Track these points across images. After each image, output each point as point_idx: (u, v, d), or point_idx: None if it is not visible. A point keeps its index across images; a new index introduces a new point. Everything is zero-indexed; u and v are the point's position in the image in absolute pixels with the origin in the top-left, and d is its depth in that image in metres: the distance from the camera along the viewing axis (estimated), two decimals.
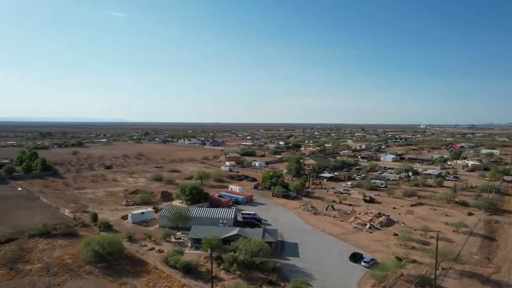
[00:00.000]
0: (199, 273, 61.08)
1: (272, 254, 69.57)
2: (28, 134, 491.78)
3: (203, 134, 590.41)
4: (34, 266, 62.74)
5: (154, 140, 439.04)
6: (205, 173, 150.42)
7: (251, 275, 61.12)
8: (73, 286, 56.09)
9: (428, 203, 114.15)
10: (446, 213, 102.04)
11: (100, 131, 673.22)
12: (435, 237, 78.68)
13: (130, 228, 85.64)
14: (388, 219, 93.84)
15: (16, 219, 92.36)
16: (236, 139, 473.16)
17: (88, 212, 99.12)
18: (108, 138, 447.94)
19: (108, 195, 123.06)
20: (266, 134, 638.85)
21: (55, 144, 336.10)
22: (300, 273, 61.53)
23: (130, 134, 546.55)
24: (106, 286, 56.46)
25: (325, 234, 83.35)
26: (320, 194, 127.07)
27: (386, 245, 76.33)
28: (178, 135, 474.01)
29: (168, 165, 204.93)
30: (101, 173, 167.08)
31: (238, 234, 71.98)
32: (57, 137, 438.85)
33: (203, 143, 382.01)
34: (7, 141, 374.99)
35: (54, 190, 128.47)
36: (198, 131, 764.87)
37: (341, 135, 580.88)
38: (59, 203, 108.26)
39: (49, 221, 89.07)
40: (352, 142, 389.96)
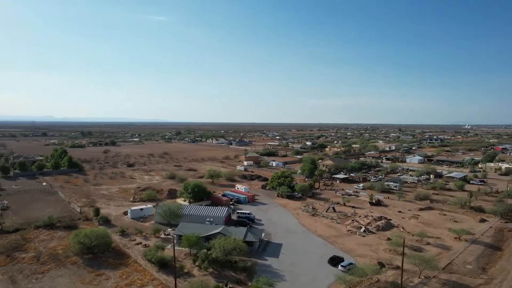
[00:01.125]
0: (173, 268, 62.67)
1: (252, 254, 69.74)
2: (71, 134, 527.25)
3: (234, 134, 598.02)
4: (28, 255, 67.93)
5: (183, 139, 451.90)
6: (216, 172, 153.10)
7: (224, 273, 61.74)
8: (54, 275, 60.08)
9: (439, 207, 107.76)
10: (454, 219, 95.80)
11: (137, 130, 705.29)
12: (433, 243, 75.18)
13: (128, 223, 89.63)
14: (387, 223, 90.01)
15: (31, 211, 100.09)
16: (265, 139, 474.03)
17: (96, 207, 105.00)
18: (141, 138, 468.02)
19: (120, 191, 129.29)
20: (297, 134, 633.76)
21: (91, 143, 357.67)
22: (272, 274, 61.20)
23: (164, 133, 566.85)
24: (84, 276, 59.86)
25: (314, 236, 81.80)
26: (327, 196, 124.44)
27: (374, 250, 73.42)
28: (207, 135, 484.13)
29: (187, 164, 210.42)
30: (121, 171, 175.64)
31: (221, 232, 72.87)
32: (95, 137, 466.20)
33: (229, 143, 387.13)
34: (52, 139, 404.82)
35: (73, 186, 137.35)
36: (231, 131, 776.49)
37: (375, 135, 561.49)
38: (72, 198, 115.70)
39: (59, 214, 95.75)
40: (382, 143, 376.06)
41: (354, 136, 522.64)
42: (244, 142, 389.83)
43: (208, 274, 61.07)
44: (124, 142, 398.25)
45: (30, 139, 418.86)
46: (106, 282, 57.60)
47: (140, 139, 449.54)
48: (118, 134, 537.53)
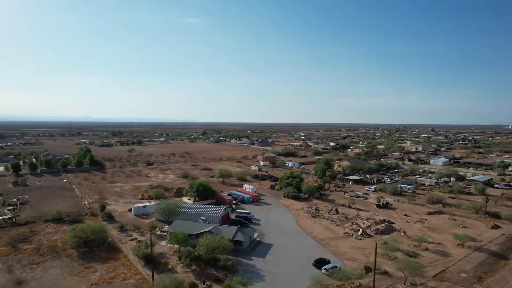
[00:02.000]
0: (159, 264, 64.39)
1: (240, 253, 70.08)
2: (103, 133, 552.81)
3: (260, 134, 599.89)
4: (31, 246, 72.47)
5: (208, 139, 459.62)
6: (226, 171, 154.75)
7: (206, 271, 62.49)
8: (48, 266, 63.73)
9: (450, 212, 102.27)
10: (464, 224, 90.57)
11: (166, 130, 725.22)
12: (431, 249, 71.99)
13: (130, 219, 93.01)
14: (387, 227, 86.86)
15: (46, 205, 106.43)
16: (290, 139, 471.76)
17: (105, 203, 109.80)
18: (167, 137, 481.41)
19: (133, 189, 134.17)
20: (324, 134, 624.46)
21: (119, 142, 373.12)
22: (253, 274, 61.24)
23: (191, 133, 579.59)
24: (74, 267, 62.99)
25: (309, 238, 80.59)
26: (335, 197, 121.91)
27: (366, 254, 71.14)
28: (231, 135, 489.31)
29: (205, 163, 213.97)
30: (139, 169, 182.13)
31: (211, 231, 73.87)
32: (125, 136, 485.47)
33: (252, 143, 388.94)
34: (84, 139, 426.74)
35: (90, 183, 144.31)
36: (257, 131, 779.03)
37: (405, 136, 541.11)
38: (86, 194, 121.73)
39: (70, 209, 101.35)
40: (410, 144, 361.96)
41: (383, 137, 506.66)
42: (266, 142, 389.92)
43: (190, 271, 62.11)
44: (151, 141, 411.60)
45: (65, 139, 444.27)
46: (92, 275, 60.27)
47: (166, 138, 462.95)
48: (147, 134, 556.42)
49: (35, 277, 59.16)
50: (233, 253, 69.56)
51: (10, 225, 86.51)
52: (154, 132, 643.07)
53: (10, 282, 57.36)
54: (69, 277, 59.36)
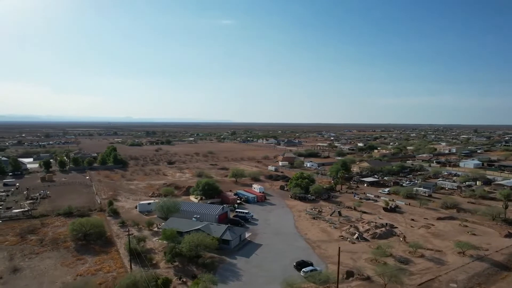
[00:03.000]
0: (144, 259, 66.67)
1: (226, 251, 70.78)
2: (138, 133, 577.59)
3: (290, 135, 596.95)
4: (36, 238, 77.98)
5: (236, 139, 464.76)
6: (239, 171, 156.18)
7: (187, 267, 63.81)
8: (45, 256, 68.31)
9: (463, 217, 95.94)
10: (473, 231, 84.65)
11: (198, 130, 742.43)
12: (428, 256, 68.60)
13: (134, 215, 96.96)
14: (387, 231, 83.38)
15: (64, 200, 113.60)
16: (319, 140, 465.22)
17: (116, 199, 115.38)
18: (197, 137, 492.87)
19: (147, 186, 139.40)
20: (355, 135, 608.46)
21: (149, 141, 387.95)
22: (232, 272, 61.71)
23: (221, 133, 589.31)
24: (67, 259, 67.03)
25: (301, 240, 79.40)
26: (344, 199, 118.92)
27: (355, 258, 68.88)
28: (258, 135, 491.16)
29: (224, 163, 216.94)
30: (159, 168, 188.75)
31: (200, 229, 75.25)
32: (157, 136, 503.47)
33: (278, 143, 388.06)
34: (118, 138, 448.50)
35: (109, 180, 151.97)
36: (288, 131, 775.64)
37: (442, 137, 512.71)
38: (101, 191, 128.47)
39: (83, 204, 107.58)
40: (444, 145, 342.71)
41: (417, 138, 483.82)
42: (292, 142, 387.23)
43: (172, 267, 63.76)
44: (180, 141, 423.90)
45: (101, 138, 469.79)
46: (81, 266, 63.81)
47: (195, 138, 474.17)
48: (179, 134, 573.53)
49: (30, 266, 63.76)
50: (220, 251, 70.54)
51: (26, 217, 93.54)
52: (187, 132, 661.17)
53: (8, 269, 62.29)
54: (60, 267, 63.30)
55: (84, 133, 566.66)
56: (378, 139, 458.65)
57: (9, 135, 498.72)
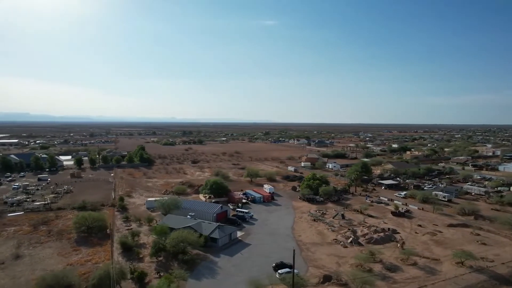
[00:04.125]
0: (133, 252, 69.80)
1: (213, 249, 71.90)
2: (175, 133, 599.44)
3: (325, 135, 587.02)
4: (46, 228, 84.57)
5: (267, 139, 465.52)
6: (254, 171, 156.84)
7: (169, 262, 65.75)
8: (47, 245, 73.97)
9: (478, 225, 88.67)
10: (484, 241, 78.01)
11: (235, 130, 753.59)
12: (420, 264, 64.99)
13: (141, 212, 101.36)
14: (386, 236, 79.52)
15: (84, 195, 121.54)
16: (354, 140, 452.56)
17: (131, 196, 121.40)
18: (229, 137, 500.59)
19: (164, 184, 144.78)
20: (394, 135, 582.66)
21: (182, 141, 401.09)
22: (209, 270, 62.72)
23: (254, 133, 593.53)
24: (65, 249, 72.05)
25: (292, 241, 78.19)
26: (355, 202, 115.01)
27: (341, 263, 66.61)
28: (290, 135, 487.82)
29: (246, 163, 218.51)
30: (181, 167, 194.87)
31: (191, 226, 77.07)
32: (192, 136, 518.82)
33: (308, 143, 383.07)
34: (153, 138, 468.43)
35: (131, 177, 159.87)
36: (324, 131, 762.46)
37: (490, 138, 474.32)
38: (119, 187, 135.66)
39: (100, 199, 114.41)
40: (489, 147, 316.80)
41: (461, 139, 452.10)
42: (323, 142, 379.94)
43: (156, 262, 66.09)
44: (213, 141, 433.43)
45: (139, 137, 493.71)
46: (74, 256, 68.31)
47: (228, 138, 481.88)
48: (213, 134, 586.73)
49: (31, 254, 69.49)
50: (207, 249, 71.83)
51: (45, 209, 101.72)
52: (222, 132, 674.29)
53: (11, 256, 68.38)
54: (55, 257, 68.27)
55: (125, 133, 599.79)
56: (416, 140, 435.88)
57: (60, 134, 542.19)
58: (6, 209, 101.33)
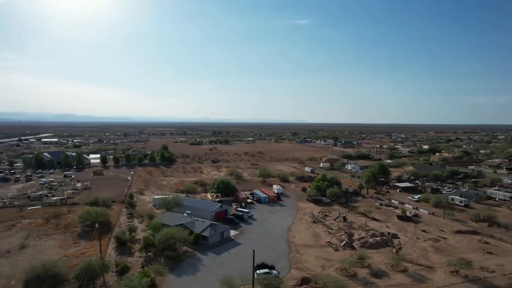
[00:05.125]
0: (126, 247, 72.71)
1: (203, 247, 73.19)
2: (205, 133, 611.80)
3: (356, 135, 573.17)
4: (56, 222, 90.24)
5: (294, 140, 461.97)
6: (266, 171, 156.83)
7: (157, 258, 67.78)
8: (51, 238, 78.92)
9: (488, 233, 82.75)
10: (491, 249, 72.73)
11: (266, 131, 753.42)
12: (410, 271, 62.57)
13: (148, 209, 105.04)
14: (383, 241, 76.54)
15: (100, 191, 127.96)
16: (384, 141, 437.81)
17: (143, 193, 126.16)
18: (256, 138, 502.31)
19: (177, 183, 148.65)
20: (428, 136, 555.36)
21: (209, 141, 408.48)
22: (193, 267, 64.07)
23: (282, 133, 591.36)
24: (66, 241, 76.53)
25: (283, 243, 77.47)
26: (364, 204, 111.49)
27: (326, 266, 65.13)
28: (317, 136, 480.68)
29: (265, 163, 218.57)
30: (200, 166, 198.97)
31: (184, 224, 78.96)
32: (221, 136, 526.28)
33: (335, 144, 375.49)
34: (182, 138, 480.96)
35: (149, 176, 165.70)
36: (355, 131, 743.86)
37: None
38: (134, 185, 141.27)
39: (113, 196, 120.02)
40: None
41: (504, 140, 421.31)
42: (350, 143, 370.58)
43: (144, 257, 68.37)
44: (239, 141, 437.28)
45: (170, 137, 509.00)
46: (72, 249, 72.43)
47: (255, 138, 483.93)
48: (242, 134, 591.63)
49: (36, 245, 74.60)
50: (197, 246, 73.39)
51: (61, 204, 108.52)
52: (251, 132, 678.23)
53: (18, 246, 73.83)
54: (56, 248, 72.79)
55: (158, 133, 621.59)
56: (452, 141, 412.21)
57: (97, 133, 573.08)
58: (27, 203, 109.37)
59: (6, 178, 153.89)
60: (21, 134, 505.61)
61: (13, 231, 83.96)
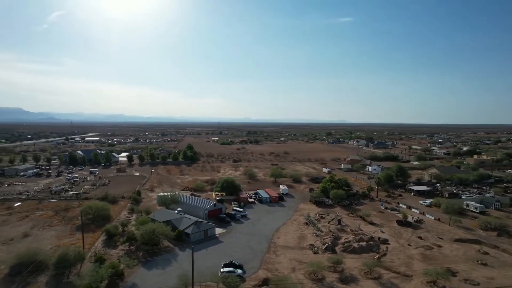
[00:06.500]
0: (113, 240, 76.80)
1: (185, 243, 75.14)
2: (240, 133, 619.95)
3: (396, 136, 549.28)
4: (63, 214, 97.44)
5: (325, 140, 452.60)
6: (277, 171, 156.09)
7: (138, 251, 70.80)
8: (53, 229, 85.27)
9: (492, 243, 75.75)
10: (487, 261, 66.48)
11: (302, 131, 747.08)
12: (383, 279, 60.05)
13: (151, 205, 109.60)
14: (368, 246, 73.27)
15: (116, 188, 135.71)
16: (422, 142, 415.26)
17: (153, 190, 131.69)
18: (288, 137, 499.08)
19: (191, 181, 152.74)
20: (476, 137, 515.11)
21: (240, 140, 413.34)
22: (166, 262, 65.98)
23: (316, 134, 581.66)
24: (64, 233, 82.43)
25: (265, 243, 76.80)
26: (369, 207, 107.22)
27: (297, 268, 63.76)
28: (350, 136, 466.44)
29: (286, 163, 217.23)
30: (219, 165, 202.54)
31: (171, 220, 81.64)
32: (255, 135, 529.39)
33: (366, 144, 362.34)
34: (215, 137, 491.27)
35: (167, 174, 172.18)
36: (396, 132, 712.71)
37: None
38: (149, 182, 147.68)
39: (125, 192, 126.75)
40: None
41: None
42: (383, 144, 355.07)
43: (126, 250, 71.69)
44: (270, 141, 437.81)
45: (205, 137, 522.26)
46: (66, 239, 77.84)
47: (287, 138, 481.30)
48: (276, 134, 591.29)
49: (37, 235, 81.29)
50: (180, 242, 75.62)
51: (76, 198, 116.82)
52: (286, 132, 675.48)
53: (22, 234, 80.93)
54: (53, 238, 78.72)
55: (194, 132, 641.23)
56: (501, 142, 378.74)
57: (137, 133, 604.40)
58: (47, 196, 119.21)
59: (40, 174, 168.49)
60: (71, 133, 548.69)
61: (25, 221, 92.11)
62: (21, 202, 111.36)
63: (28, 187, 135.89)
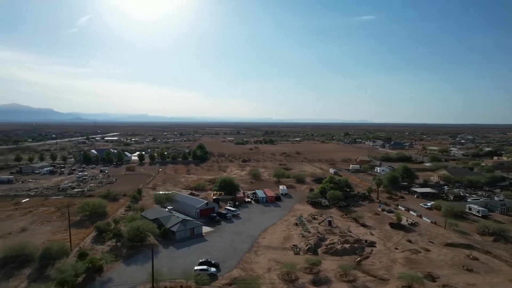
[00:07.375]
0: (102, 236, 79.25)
1: (171, 240, 76.69)
2: (257, 133, 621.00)
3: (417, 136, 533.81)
4: (64, 211, 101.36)
5: (341, 140, 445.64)
6: (280, 171, 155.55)
7: (123, 248, 72.79)
8: (51, 224, 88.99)
9: (484, 248, 72.51)
10: (473, 267, 63.76)
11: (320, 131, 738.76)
12: (357, 283, 59.04)
13: (149, 203, 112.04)
14: (351, 248, 72.01)
15: (121, 186, 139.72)
16: (443, 142, 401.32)
17: (155, 189, 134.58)
18: (304, 137, 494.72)
19: (195, 180, 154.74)
20: (502, 138, 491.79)
21: (255, 140, 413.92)
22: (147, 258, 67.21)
23: (333, 134, 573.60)
24: (60, 228, 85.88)
25: (249, 243, 77.06)
26: (366, 209, 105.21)
27: (272, 269, 63.62)
28: (368, 136, 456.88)
29: (295, 163, 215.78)
30: (227, 165, 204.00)
31: (158, 218, 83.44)
32: (271, 135, 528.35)
33: (382, 145, 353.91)
34: (231, 137, 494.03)
35: (174, 173, 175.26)
36: (417, 132, 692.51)
37: None
38: (153, 181, 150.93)
39: (130, 191, 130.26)
40: None
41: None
42: (400, 144, 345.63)
43: (112, 245, 73.78)
44: (286, 141, 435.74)
45: (222, 137, 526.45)
46: (59, 234, 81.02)
47: (302, 138, 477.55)
48: (293, 134, 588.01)
49: (34, 229, 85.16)
50: (166, 240, 77.28)
51: (80, 195, 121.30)
52: (303, 132, 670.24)
53: (20, 229, 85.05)
54: (47, 233, 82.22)
55: (212, 132, 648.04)
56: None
57: (156, 133, 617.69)
58: (54, 193, 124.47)
59: (54, 171, 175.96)
60: (93, 133, 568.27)
61: (27, 216, 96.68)
62: (28, 199, 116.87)
63: (40, 184, 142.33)
